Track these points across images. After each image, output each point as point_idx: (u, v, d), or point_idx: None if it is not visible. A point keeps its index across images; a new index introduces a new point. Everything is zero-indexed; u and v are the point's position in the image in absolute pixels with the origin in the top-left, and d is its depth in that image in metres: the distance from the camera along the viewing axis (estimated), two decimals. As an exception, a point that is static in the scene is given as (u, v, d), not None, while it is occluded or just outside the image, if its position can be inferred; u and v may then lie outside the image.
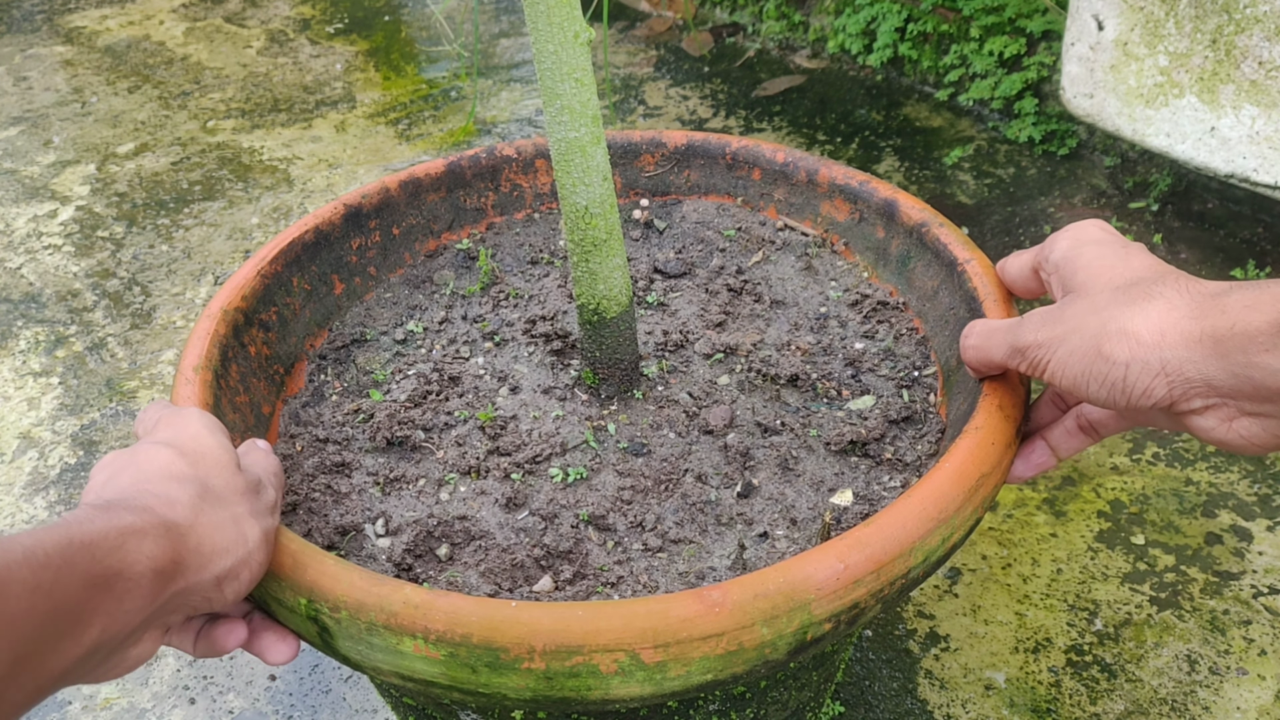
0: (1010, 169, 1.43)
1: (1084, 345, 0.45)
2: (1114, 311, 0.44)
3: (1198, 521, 0.92)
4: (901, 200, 0.68)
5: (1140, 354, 0.43)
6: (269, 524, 0.46)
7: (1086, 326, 0.45)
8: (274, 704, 0.82)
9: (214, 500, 0.43)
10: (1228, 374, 0.41)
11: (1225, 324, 0.41)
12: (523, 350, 0.67)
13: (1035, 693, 0.79)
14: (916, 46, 1.63)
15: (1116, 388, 0.44)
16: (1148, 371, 0.43)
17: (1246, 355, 0.40)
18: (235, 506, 0.44)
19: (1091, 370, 0.44)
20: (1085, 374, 0.45)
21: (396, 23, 2.07)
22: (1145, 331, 0.43)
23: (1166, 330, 0.42)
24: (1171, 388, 0.42)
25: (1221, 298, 0.42)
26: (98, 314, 1.29)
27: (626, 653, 0.42)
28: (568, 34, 0.51)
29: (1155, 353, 0.42)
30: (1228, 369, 0.41)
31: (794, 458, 0.59)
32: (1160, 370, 0.42)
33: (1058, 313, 0.47)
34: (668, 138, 0.78)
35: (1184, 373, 0.42)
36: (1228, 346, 0.41)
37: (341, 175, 1.55)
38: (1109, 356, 0.43)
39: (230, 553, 0.43)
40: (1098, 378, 0.44)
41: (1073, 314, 0.46)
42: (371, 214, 0.72)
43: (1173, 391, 0.42)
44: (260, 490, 0.47)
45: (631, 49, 1.88)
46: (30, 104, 1.83)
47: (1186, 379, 0.42)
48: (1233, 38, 1.00)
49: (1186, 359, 0.42)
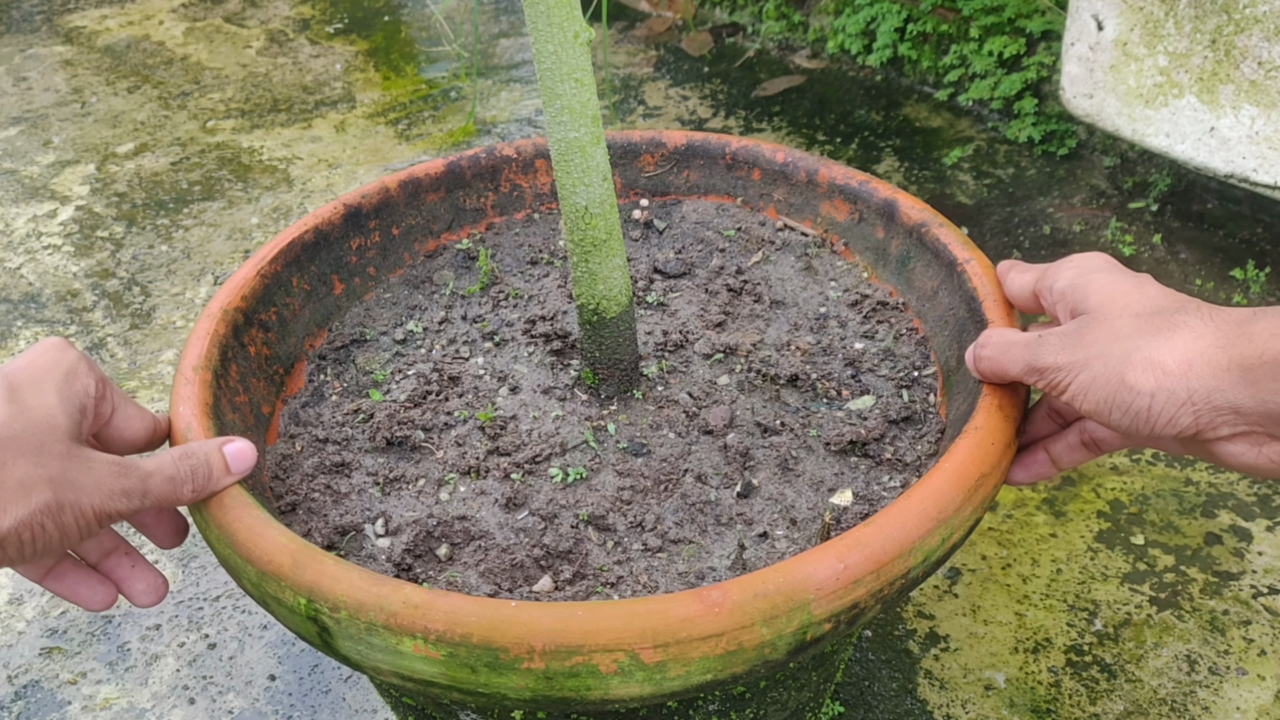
0: (1010, 169, 1.43)
1: (1107, 373, 0.45)
2: (1138, 340, 0.44)
3: (1197, 522, 0.92)
4: (901, 200, 0.68)
5: (1166, 384, 0.43)
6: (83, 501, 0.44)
7: (1110, 354, 0.45)
8: (274, 704, 0.82)
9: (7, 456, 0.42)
10: (1257, 401, 0.41)
11: (1254, 352, 0.41)
12: (522, 350, 0.67)
13: (1035, 693, 0.79)
14: (916, 47, 1.63)
15: (1140, 417, 0.44)
16: (1173, 401, 0.43)
17: (1276, 382, 0.40)
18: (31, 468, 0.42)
19: (1115, 399, 0.44)
20: (1108, 401, 0.45)
21: (396, 23, 2.07)
22: (1171, 361, 0.43)
23: (1193, 360, 0.42)
24: (1198, 416, 0.42)
25: (1248, 325, 0.42)
26: (97, 314, 1.29)
27: (626, 653, 0.42)
28: (567, 34, 0.51)
29: (1181, 382, 0.42)
30: (1257, 396, 0.41)
31: (794, 458, 0.59)
32: (1187, 400, 0.42)
33: (1077, 336, 0.47)
34: (667, 138, 0.78)
35: (1211, 401, 0.42)
36: (1257, 374, 0.41)
37: (341, 175, 1.55)
38: (1133, 386, 0.43)
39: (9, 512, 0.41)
40: (1121, 406, 0.44)
41: (1094, 339, 0.46)
42: (371, 214, 0.72)
43: (1199, 420, 0.43)
44: (105, 469, 0.45)
45: (631, 49, 1.88)
46: (30, 104, 1.83)
47: (1214, 408, 0.42)
48: (1232, 38, 1.00)
49: (1214, 388, 0.42)
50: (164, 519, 0.55)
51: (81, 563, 0.52)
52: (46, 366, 0.47)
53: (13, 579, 0.95)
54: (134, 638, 0.89)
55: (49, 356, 0.48)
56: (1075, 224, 1.30)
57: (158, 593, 0.53)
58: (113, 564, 0.53)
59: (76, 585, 0.51)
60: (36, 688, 0.85)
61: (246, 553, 0.47)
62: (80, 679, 0.86)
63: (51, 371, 0.47)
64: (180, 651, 0.87)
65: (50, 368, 0.47)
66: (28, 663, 0.87)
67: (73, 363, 0.48)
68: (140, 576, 0.53)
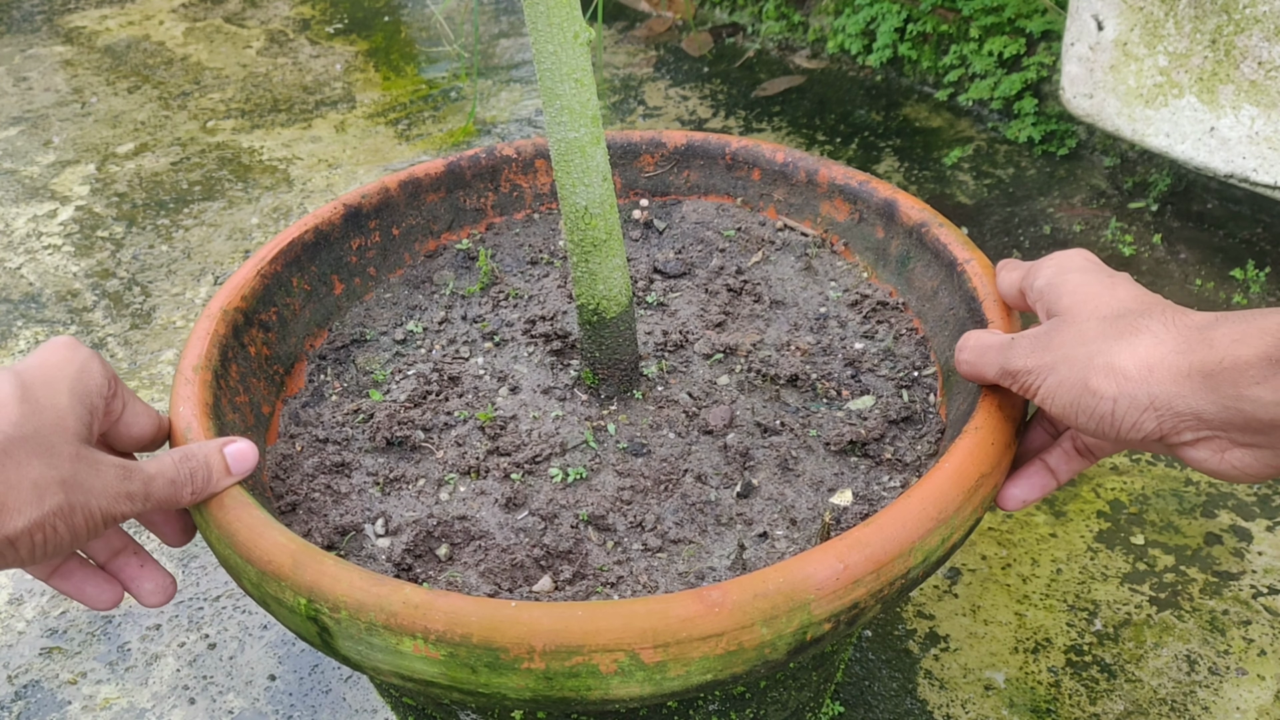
0: (1010, 169, 1.43)
1: (1071, 377, 0.45)
2: (1100, 345, 0.44)
3: (1197, 522, 0.92)
4: (901, 200, 0.68)
5: (1127, 389, 0.43)
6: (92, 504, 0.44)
7: (1074, 357, 0.45)
8: (274, 704, 0.82)
9: (16, 455, 0.42)
10: (1218, 408, 0.41)
11: (1214, 359, 0.41)
12: (522, 350, 0.67)
13: (1035, 693, 0.79)
14: (916, 47, 1.63)
15: (1105, 421, 0.44)
16: (1135, 407, 0.43)
17: (1236, 389, 0.40)
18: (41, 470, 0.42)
19: (1079, 403, 0.44)
20: (1074, 406, 0.45)
21: (396, 23, 2.07)
22: (1132, 367, 0.43)
23: (1154, 366, 0.42)
24: (1161, 422, 0.42)
25: (1208, 331, 0.42)
26: (97, 314, 1.29)
27: (626, 653, 0.42)
28: (567, 34, 0.51)
29: (1143, 388, 0.42)
30: (1218, 403, 0.41)
31: (794, 458, 0.59)
32: (1149, 405, 0.42)
33: (1045, 339, 0.47)
34: (667, 138, 0.78)
35: (1173, 407, 0.42)
36: (1217, 380, 0.41)
37: (341, 175, 1.55)
38: (1096, 391, 0.44)
39: (21, 513, 0.41)
40: (1085, 410, 0.44)
41: (1060, 342, 0.46)
42: (371, 214, 0.72)
43: (1162, 425, 0.43)
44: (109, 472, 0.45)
45: (631, 49, 1.88)
46: (30, 104, 1.83)
47: (1176, 413, 0.42)
48: (1232, 38, 1.00)
49: (1175, 394, 0.42)
50: (171, 517, 0.55)
51: (88, 562, 0.52)
52: (58, 365, 0.47)
53: (14, 579, 0.95)
54: (134, 638, 0.89)
55: (60, 355, 0.48)
56: (1075, 224, 1.30)
57: (166, 593, 0.53)
58: (121, 563, 0.53)
59: (83, 584, 0.51)
60: (36, 688, 0.85)
61: (246, 553, 0.47)
62: (80, 679, 0.86)
63: (64, 370, 0.47)
64: (180, 651, 0.87)
65: (62, 366, 0.47)
66: (28, 663, 0.87)
67: (84, 361, 0.48)
68: (149, 576, 0.53)
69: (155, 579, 0.53)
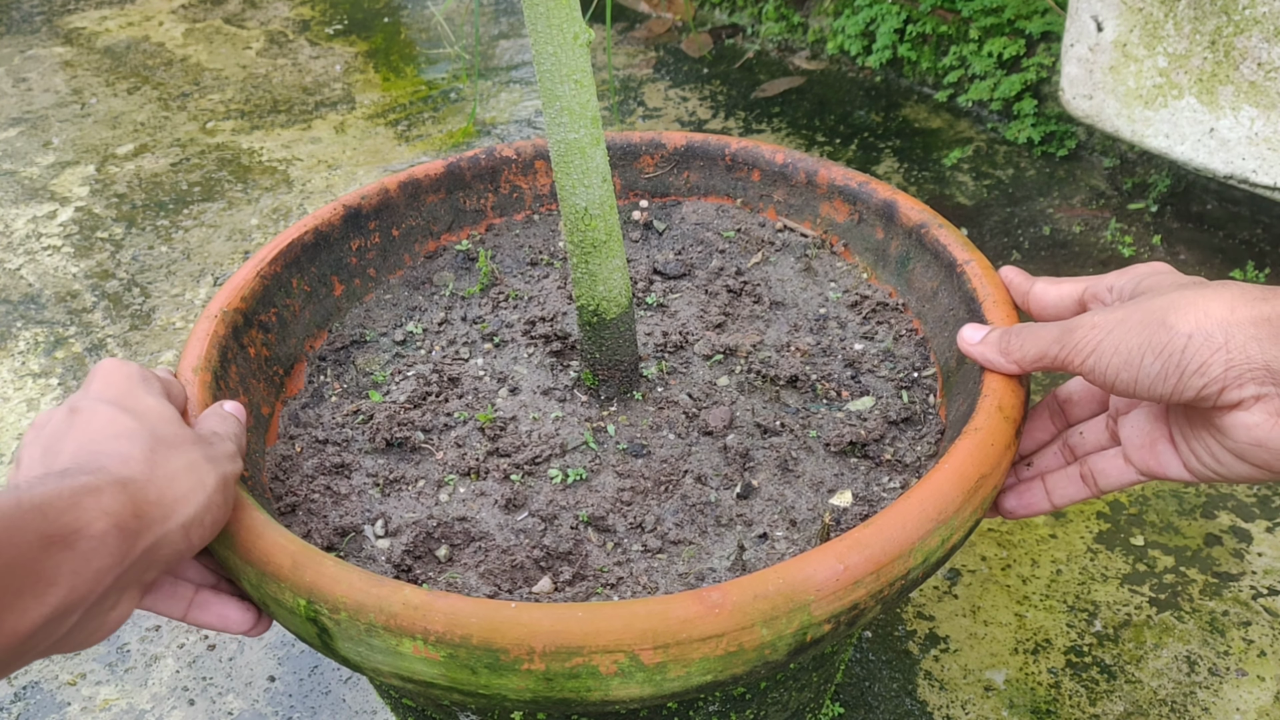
0: (1009, 170, 1.43)
1: (1146, 319, 0.45)
2: (1184, 293, 0.45)
3: (1197, 523, 0.92)
4: (901, 201, 0.68)
5: (1205, 325, 0.43)
6: (227, 470, 0.47)
7: (1152, 306, 0.45)
8: (273, 705, 0.82)
9: (166, 450, 0.44)
10: None
11: None
12: (522, 351, 0.67)
13: (1035, 694, 0.79)
14: (915, 48, 1.63)
15: (1172, 360, 0.44)
16: (1209, 345, 0.43)
17: None
18: (188, 453, 0.45)
19: (1150, 341, 0.44)
20: (1141, 347, 0.45)
21: (396, 24, 2.07)
22: (1216, 307, 0.43)
23: (1236, 307, 0.43)
24: (1229, 368, 0.42)
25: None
26: (97, 315, 1.29)
27: (626, 654, 0.42)
28: (567, 35, 0.51)
29: (1221, 326, 0.43)
30: None
31: (793, 459, 0.59)
32: (1223, 345, 0.43)
33: (1118, 305, 0.48)
34: (667, 139, 0.78)
35: (1246, 351, 0.42)
36: None
37: (341, 176, 1.55)
38: (1173, 326, 0.44)
39: (191, 499, 0.43)
40: (1155, 348, 0.44)
41: (1135, 302, 0.47)
42: (371, 215, 0.72)
43: (1229, 372, 0.42)
44: (214, 440, 0.48)
45: (631, 50, 1.89)
46: (30, 105, 1.83)
47: (1247, 358, 0.42)
48: (1231, 39, 1.00)
49: (1252, 336, 0.42)
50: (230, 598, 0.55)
51: (220, 586, 0.51)
52: (128, 375, 0.49)
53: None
54: (133, 639, 0.89)
55: (122, 371, 0.50)
56: (1075, 225, 1.30)
57: (248, 623, 0.51)
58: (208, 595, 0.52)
59: (224, 609, 0.51)
60: (36, 689, 0.85)
61: (246, 554, 0.47)
62: (80, 680, 0.86)
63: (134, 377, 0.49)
64: (180, 653, 0.87)
65: (130, 376, 0.49)
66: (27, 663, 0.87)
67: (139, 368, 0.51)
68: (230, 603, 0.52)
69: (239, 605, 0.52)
